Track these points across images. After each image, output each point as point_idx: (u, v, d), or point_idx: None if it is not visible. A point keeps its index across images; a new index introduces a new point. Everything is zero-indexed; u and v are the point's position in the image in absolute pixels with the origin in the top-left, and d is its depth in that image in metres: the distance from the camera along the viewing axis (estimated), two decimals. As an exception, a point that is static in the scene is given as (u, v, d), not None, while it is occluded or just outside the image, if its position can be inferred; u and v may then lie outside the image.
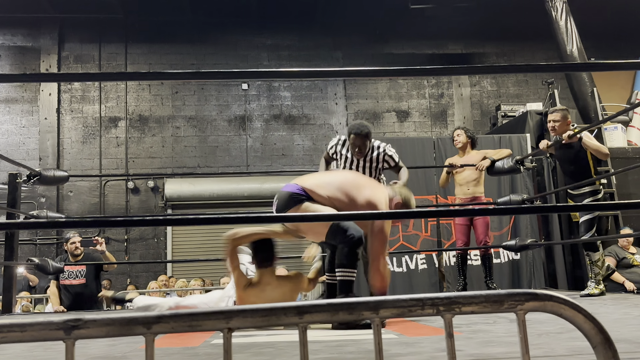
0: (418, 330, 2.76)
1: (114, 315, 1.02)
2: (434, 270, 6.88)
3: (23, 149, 10.06)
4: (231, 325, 1.03)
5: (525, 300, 1.03)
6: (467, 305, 1.03)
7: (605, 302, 4.21)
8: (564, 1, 9.06)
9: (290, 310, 1.03)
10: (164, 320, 1.02)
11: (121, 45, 10.57)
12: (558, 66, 4.48)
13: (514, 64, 10.91)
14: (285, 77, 10.25)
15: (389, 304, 1.03)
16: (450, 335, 1.04)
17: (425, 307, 1.02)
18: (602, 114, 8.55)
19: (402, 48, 11.05)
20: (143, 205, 10.13)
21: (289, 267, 7.66)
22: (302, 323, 1.04)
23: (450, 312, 1.02)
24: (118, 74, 2.51)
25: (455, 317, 1.05)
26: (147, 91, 10.54)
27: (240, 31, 10.82)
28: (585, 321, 1.05)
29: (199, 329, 1.03)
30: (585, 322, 1.05)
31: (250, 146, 10.59)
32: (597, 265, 4.89)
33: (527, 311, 1.04)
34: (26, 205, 8.00)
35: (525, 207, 5.36)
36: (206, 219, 4.25)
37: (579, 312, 1.05)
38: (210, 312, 1.03)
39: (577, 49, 8.83)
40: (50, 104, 10.21)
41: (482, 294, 1.03)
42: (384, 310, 1.02)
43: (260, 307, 1.04)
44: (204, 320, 1.03)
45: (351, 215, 2.95)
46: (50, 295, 5.89)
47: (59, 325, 0.99)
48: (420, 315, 1.03)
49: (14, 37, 10.47)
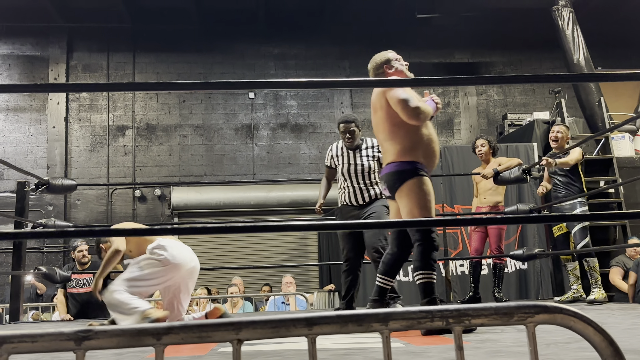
0: (425, 339, 2.75)
1: (124, 326, 1.03)
2: (440, 280, 6.86)
3: (31, 158, 10.12)
4: (240, 336, 1.04)
5: (535, 313, 1.03)
6: (476, 318, 1.02)
7: (613, 311, 4.19)
8: (571, 10, 9.07)
9: (299, 322, 1.04)
10: (173, 331, 1.02)
11: (129, 55, 10.64)
12: (566, 76, 4.50)
13: (522, 74, 10.93)
14: (292, 87, 10.30)
15: (398, 316, 1.03)
16: (460, 348, 1.04)
17: (435, 319, 1.02)
18: (609, 123, 8.53)
19: (408, 57, 10.88)
20: (150, 213, 10.15)
21: (293, 274, 7.67)
22: (311, 335, 1.04)
23: (460, 324, 1.02)
24: (126, 85, 2.53)
25: (464, 328, 1.05)
26: (155, 100, 10.59)
27: (247, 40, 10.87)
28: (595, 333, 1.05)
29: (208, 340, 1.04)
30: (595, 335, 1.04)
31: (257, 155, 10.62)
32: (595, 270, 5.14)
33: (536, 324, 1.04)
34: (34, 214, 8.03)
35: (533, 217, 5.35)
36: (215, 227, 4.26)
37: (589, 324, 1.05)
38: (219, 324, 1.03)
39: (584, 58, 8.83)
40: (58, 113, 10.27)
41: (492, 306, 1.03)
42: (394, 322, 1.02)
43: (270, 318, 1.04)
44: (214, 331, 1.03)
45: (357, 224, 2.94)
46: (57, 304, 5.90)
47: (69, 336, 1.00)
48: (430, 327, 1.03)
49: (22, 46, 10.55)
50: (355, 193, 4.36)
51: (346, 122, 4.39)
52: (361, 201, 4.35)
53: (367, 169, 4.35)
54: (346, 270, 4.42)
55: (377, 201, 4.34)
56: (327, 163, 4.60)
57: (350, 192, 4.38)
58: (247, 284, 8.82)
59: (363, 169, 4.35)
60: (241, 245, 9.99)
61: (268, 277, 9.14)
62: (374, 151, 4.39)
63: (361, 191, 4.35)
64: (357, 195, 4.35)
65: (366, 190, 4.35)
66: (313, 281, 9.87)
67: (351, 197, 4.38)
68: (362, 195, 4.35)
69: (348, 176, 4.38)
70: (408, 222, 3.01)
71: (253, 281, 9.28)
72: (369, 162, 4.37)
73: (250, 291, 8.43)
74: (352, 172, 4.36)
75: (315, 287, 9.11)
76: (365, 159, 4.36)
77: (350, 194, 4.38)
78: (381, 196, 4.31)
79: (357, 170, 4.36)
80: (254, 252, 9.93)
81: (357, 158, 4.38)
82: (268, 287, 8.12)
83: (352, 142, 4.38)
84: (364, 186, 4.35)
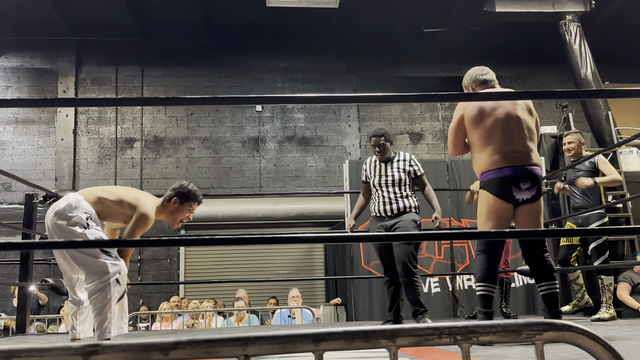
0: (431, 354, 2.74)
1: (132, 341, 1.03)
2: (447, 294, 6.83)
3: (39, 170, 10.17)
4: (247, 352, 1.04)
5: (543, 330, 1.03)
6: (484, 335, 1.02)
7: (621, 327, 4.15)
8: (578, 25, 9.08)
9: (306, 338, 1.04)
10: (180, 347, 1.02)
11: (138, 68, 10.71)
12: (574, 92, 4.50)
13: (529, 89, 10.92)
14: (300, 102, 10.36)
15: (406, 333, 1.03)
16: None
17: (443, 336, 1.02)
18: (617, 138, 8.50)
19: (415, 71, 11.10)
20: (157, 225, 10.05)
21: (300, 287, 7.65)
22: (319, 351, 1.04)
23: (468, 342, 1.02)
24: (135, 99, 2.54)
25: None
26: (163, 113, 10.65)
27: (254, 54, 10.93)
28: (604, 351, 1.04)
29: (215, 355, 1.04)
30: (604, 353, 1.04)
31: (264, 167, 10.63)
32: (609, 289, 5.04)
33: (545, 341, 1.03)
34: (42, 226, 8.03)
35: (541, 231, 5.31)
36: (222, 239, 4.26)
37: (597, 342, 1.04)
38: (226, 339, 1.03)
39: (592, 73, 8.82)
40: (66, 125, 10.34)
41: (500, 323, 1.03)
42: (401, 338, 1.02)
43: (277, 334, 1.04)
44: (221, 346, 1.03)
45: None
46: (63, 316, 5.91)
47: (77, 351, 1.00)
48: (438, 344, 1.02)
49: (32, 59, 10.64)
50: (385, 203, 4.46)
51: (376, 135, 4.58)
52: (390, 212, 4.44)
53: (398, 181, 4.48)
54: (387, 282, 4.52)
55: (406, 214, 4.43)
56: (362, 179, 4.74)
57: (380, 202, 4.49)
58: (253, 296, 8.81)
59: (394, 180, 4.48)
60: (247, 257, 9.99)
61: (274, 290, 9.13)
62: (406, 164, 4.54)
63: (390, 202, 4.45)
64: (387, 206, 4.45)
65: (395, 202, 4.44)
66: (319, 295, 9.84)
67: (380, 207, 4.48)
68: (392, 206, 4.44)
69: (379, 187, 4.52)
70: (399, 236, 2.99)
71: (259, 294, 9.27)
72: (400, 174, 4.50)
73: (256, 304, 8.41)
74: (383, 183, 4.50)
75: (322, 301, 9.09)
76: (397, 171, 4.51)
77: (380, 204, 4.49)
78: (411, 210, 4.43)
79: (387, 181, 4.49)
80: (260, 264, 9.93)
81: (389, 170, 4.53)
82: (274, 300, 8.11)
83: (382, 155, 4.56)
84: (394, 197, 4.45)
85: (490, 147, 3.25)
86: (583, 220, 5.14)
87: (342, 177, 7.43)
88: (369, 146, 11.08)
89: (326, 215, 9.95)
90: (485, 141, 3.27)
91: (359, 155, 10.70)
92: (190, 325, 6.89)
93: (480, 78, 3.56)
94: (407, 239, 4.06)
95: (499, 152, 3.23)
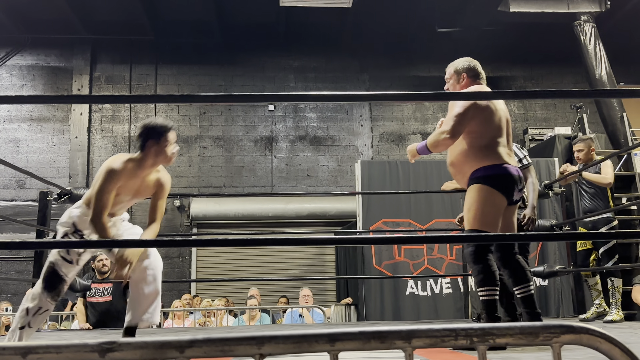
0: (445, 356, 2.73)
1: (148, 339, 1.03)
2: (459, 295, 6.80)
3: (53, 167, 10.25)
4: (263, 351, 1.04)
5: (560, 333, 1.02)
6: (501, 337, 1.01)
7: (636, 330, 4.12)
8: (593, 25, 9.01)
9: (321, 338, 1.04)
10: (196, 345, 1.03)
11: (151, 67, 10.76)
12: (588, 92, 4.47)
13: (543, 89, 10.85)
14: (312, 100, 10.37)
15: (422, 334, 1.02)
16: (483, 367, 1.03)
17: (459, 338, 1.01)
18: (631, 139, 8.43)
19: (428, 71, 11.06)
20: (169, 224, 10.21)
21: (311, 286, 7.65)
22: (334, 351, 1.04)
23: (484, 344, 1.01)
24: (149, 97, 2.55)
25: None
26: (176, 111, 10.69)
27: (267, 53, 10.95)
28: (622, 355, 1.03)
29: (230, 354, 1.04)
30: (622, 356, 1.03)
31: (276, 167, 10.65)
32: (618, 291, 5.09)
33: (562, 344, 1.03)
34: (55, 223, 8.11)
35: (554, 234, 5.28)
36: (235, 240, 4.28)
37: (615, 345, 1.03)
38: (242, 338, 1.04)
39: (606, 73, 8.75)
40: (81, 123, 10.40)
41: (517, 325, 1.02)
42: (417, 339, 1.02)
43: (292, 333, 1.04)
44: (236, 345, 1.04)
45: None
46: (77, 313, 5.95)
47: (94, 348, 1.00)
48: (454, 345, 1.02)
49: (47, 57, 10.72)
50: None
51: None
52: None
53: None
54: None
55: None
56: None
57: None
58: (264, 295, 8.83)
59: None
60: (259, 256, 10.01)
61: (285, 289, 9.14)
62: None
63: None
64: None
65: None
66: (330, 294, 9.84)
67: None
68: None
69: None
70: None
71: (270, 293, 9.28)
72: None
73: (267, 303, 8.42)
74: None
75: (333, 300, 9.08)
76: None
77: None
78: None
79: None
80: (271, 263, 9.95)
81: None
82: (285, 299, 8.11)
83: None
84: None
85: (496, 140, 3.19)
86: (592, 224, 5.19)
87: (354, 177, 7.41)
88: (381, 146, 11.10)
89: (338, 215, 9.94)
90: (493, 133, 3.20)
91: (370, 155, 10.68)
92: (202, 324, 6.92)
93: (478, 69, 3.55)
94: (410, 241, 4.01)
95: (503, 147, 3.21)
